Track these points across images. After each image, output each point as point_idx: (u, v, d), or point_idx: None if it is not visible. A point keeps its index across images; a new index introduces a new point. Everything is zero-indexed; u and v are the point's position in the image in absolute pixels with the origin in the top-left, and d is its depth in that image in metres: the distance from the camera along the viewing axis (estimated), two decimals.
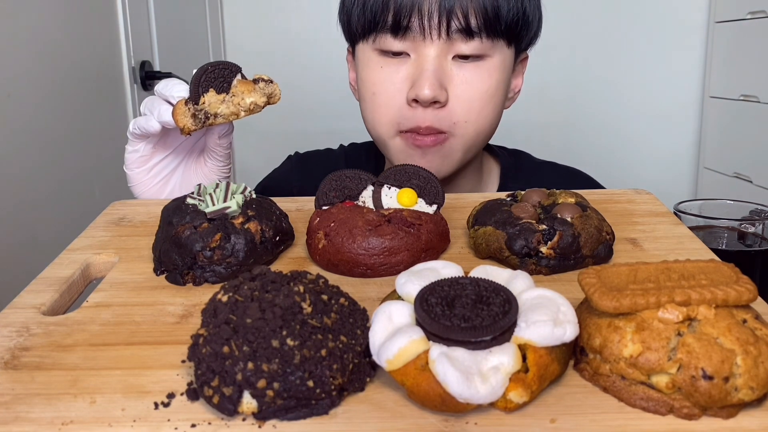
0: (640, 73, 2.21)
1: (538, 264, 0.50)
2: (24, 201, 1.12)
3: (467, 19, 0.68)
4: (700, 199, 0.71)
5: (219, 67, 0.58)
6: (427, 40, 0.70)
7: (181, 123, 0.57)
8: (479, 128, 0.74)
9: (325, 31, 2.18)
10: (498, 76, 0.73)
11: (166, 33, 1.75)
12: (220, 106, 0.57)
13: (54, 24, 1.25)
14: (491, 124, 0.76)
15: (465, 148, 0.75)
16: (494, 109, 0.75)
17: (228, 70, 0.58)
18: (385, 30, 0.71)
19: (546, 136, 2.18)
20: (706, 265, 0.38)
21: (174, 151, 0.68)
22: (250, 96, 0.57)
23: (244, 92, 0.58)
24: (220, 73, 0.58)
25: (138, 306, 0.46)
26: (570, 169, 0.91)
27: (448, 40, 0.70)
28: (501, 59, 0.73)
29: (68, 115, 1.29)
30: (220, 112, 0.57)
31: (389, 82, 0.72)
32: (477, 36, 0.69)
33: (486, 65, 0.72)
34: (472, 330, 0.33)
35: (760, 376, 0.33)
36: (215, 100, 0.57)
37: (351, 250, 0.50)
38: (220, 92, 0.58)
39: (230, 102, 0.58)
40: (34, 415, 0.35)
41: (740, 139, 1.94)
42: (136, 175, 0.67)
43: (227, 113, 0.58)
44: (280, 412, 0.34)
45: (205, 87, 0.58)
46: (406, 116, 0.72)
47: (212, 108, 0.57)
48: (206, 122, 0.58)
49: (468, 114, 0.72)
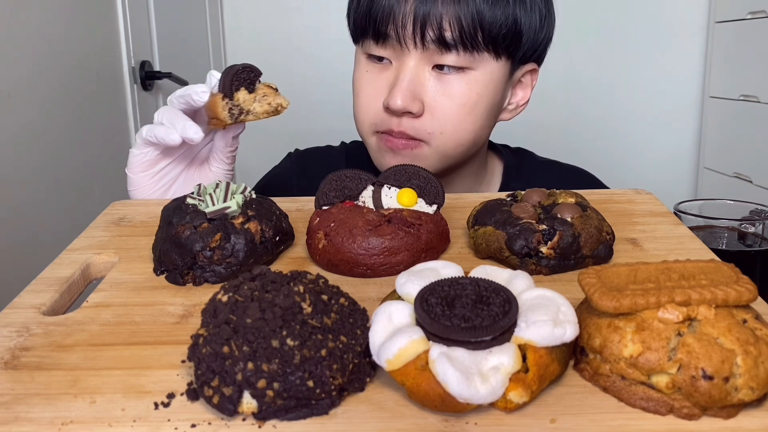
0: (640, 73, 2.21)
1: (538, 264, 0.50)
2: (24, 201, 1.12)
3: (441, 30, 0.67)
4: (700, 199, 0.71)
5: (247, 70, 0.61)
6: (404, 49, 0.70)
7: (221, 115, 0.60)
8: (457, 140, 0.73)
9: (325, 31, 2.18)
10: (480, 89, 0.71)
11: (166, 33, 1.75)
12: (252, 104, 0.60)
13: (54, 24, 1.25)
14: (474, 137, 0.74)
15: (441, 157, 0.74)
16: (475, 121, 0.73)
17: (254, 73, 0.61)
18: (369, 37, 0.72)
19: (546, 136, 2.18)
20: (706, 265, 0.38)
21: (178, 159, 0.68)
22: (276, 97, 0.60)
23: (269, 94, 0.61)
24: (247, 75, 0.61)
25: (138, 306, 0.46)
26: (573, 168, 0.90)
27: (425, 50, 0.69)
28: (485, 72, 0.71)
29: (68, 115, 1.29)
30: (253, 109, 0.60)
31: (371, 86, 0.73)
32: (454, 48, 0.68)
33: (467, 78, 0.70)
34: (472, 330, 0.33)
35: (760, 376, 0.33)
36: (248, 99, 0.60)
37: (351, 250, 0.50)
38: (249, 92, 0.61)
39: (261, 101, 0.60)
40: (34, 415, 0.35)
41: (740, 139, 1.94)
42: (140, 179, 0.67)
43: (259, 111, 0.60)
44: (280, 412, 0.34)
45: (237, 86, 0.60)
46: (382, 119, 0.73)
47: (246, 105, 0.60)
48: (239, 118, 0.60)
49: (443, 126, 0.71)
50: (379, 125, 0.73)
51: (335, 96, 2.05)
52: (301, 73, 2.22)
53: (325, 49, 2.17)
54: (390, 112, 0.71)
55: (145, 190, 0.67)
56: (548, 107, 2.20)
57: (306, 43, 2.23)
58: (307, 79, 2.21)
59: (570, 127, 2.25)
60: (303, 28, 2.23)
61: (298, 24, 2.24)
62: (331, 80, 2.16)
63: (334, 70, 1.82)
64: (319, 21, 2.20)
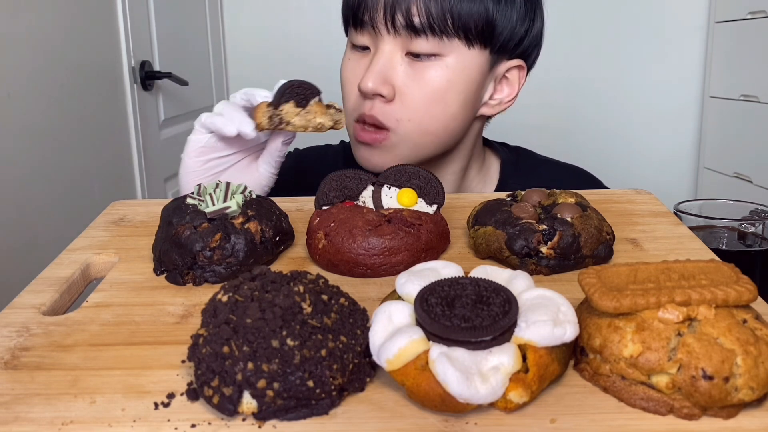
0: (640, 73, 2.20)
1: (538, 264, 0.50)
2: (24, 201, 1.12)
3: (410, 15, 0.69)
4: (700, 199, 0.71)
5: (303, 86, 0.66)
6: (379, 35, 0.72)
7: (258, 119, 0.65)
8: (425, 128, 0.73)
9: (325, 31, 2.18)
10: (451, 76, 0.72)
11: (166, 33, 1.75)
12: (294, 117, 0.65)
13: (54, 24, 1.25)
14: (444, 125, 0.74)
15: (411, 146, 0.74)
16: (446, 109, 0.73)
17: (310, 91, 0.66)
18: (351, 24, 0.75)
19: (546, 136, 2.18)
20: (706, 265, 0.38)
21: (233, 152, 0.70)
22: (321, 117, 0.65)
23: (317, 112, 0.65)
24: (302, 90, 0.66)
25: (138, 306, 0.46)
26: (572, 167, 0.90)
27: (397, 36, 0.71)
28: (458, 60, 0.72)
29: (68, 114, 1.29)
30: (293, 121, 0.65)
31: (351, 73, 0.76)
32: (423, 33, 0.70)
33: (438, 64, 0.72)
34: (472, 330, 0.33)
35: (761, 376, 0.33)
36: (291, 111, 0.65)
37: (351, 250, 0.50)
38: (297, 106, 0.65)
39: (303, 116, 0.65)
40: (34, 415, 0.35)
41: (740, 139, 1.94)
42: (192, 163, 0.68)
43: (297, 125, 0.65)
44: (280, 412, 0.34)
45: (287, 98, 0.65)
46: (359, 104, 0.75)
47: (287, 116, 0.65)
48: (278, 126, 0.65)
49: (412, 112, 0.72)
50: (357, 110, 0.75)
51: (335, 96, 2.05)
52: (301, 73, 2.20)
53: (325, 49, 2.17)
54: (362, 95, 0.73)
55: (194, 175, 0.69)
56: (548, 107, 2.20)
57: (306, 43, 2.23)
58: (308, 79, 2.21)
59: (570, 127, 2.25)
60: (303, 28, 2.23)
61: (298, 24, 2.24)
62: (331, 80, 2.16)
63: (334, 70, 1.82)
64: (319, 21, 2.20)
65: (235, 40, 2.27)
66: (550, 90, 2.18)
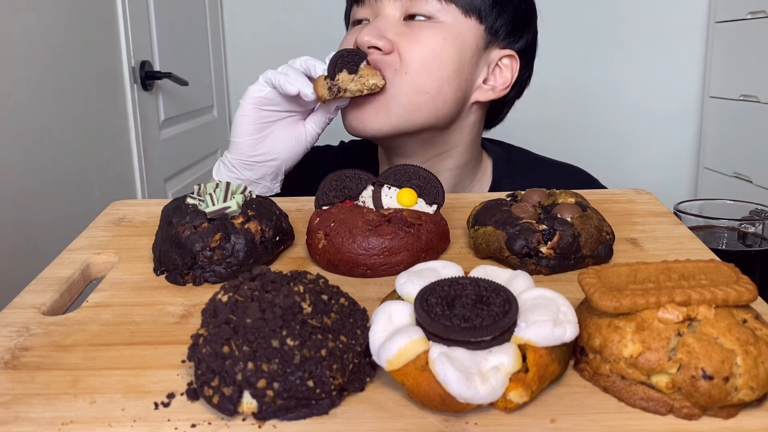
0: (640, 73, 2.20)
1: (538, 264, 0.50)
2: (24, 201, 1.12)
3: None
4: (700, 199, 0.71)
5: (351, 54, 0.72)
6: (379, 1, 0.75)
7: (320, 93, 0.70)
8: (421, 85, 0.74)
9: (325, 31, 2.18)
10: (447, 36, 0.74)
11: (166, 33, 1.75)
12: (350, 84, 0.71)
13: (54, 24, 1.25)
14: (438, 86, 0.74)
15: (404, 105, 0.74)
16: (440, 70, 0.74)
17: (358, 56, 0.72)
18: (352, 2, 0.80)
19: (546, 136, 2.18)
20: (706, 265, 0.38)
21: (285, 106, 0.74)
22: (373, 78, 0.71)
23: (368, 75, 0.72)
24: (351, 58, 0.72)
25: (138, 306, 0.46)
26: (567, 166, 0.90)
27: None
28: (453, 23, 0.75)
29: (68, 114, 1.29)
30: (350, 87, 0.71)
31: (347, 42, 0.79)
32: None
33: (435, 25, 0.74)
34: (472, 330, 0.33)
35: (760, 376, 0.33)
36: (347, 79, 0.71)
37: (351, 250, 0.50)
38: (350, 73, 0.71)
39: (358, 81, 0.71)
40: (34, 415, 0.35)
41: (740, 139, 1.94)
42: (249, 110, 0.73)
43: (354, 89, 0.71)
44: (280, 412, 0.34)
45: (340, 68, 0.71)
46: None
47: (344, 84, 0.71)
48: (338, 95, 0.71)
49: (408, 66, 0.74)
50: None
51: None
52: None
53: (326, 49, 2.17)
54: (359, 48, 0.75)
55: (247, 119, 0.72)
56: (548, 107, 2.20)
57: (306, 43, 2.23)
58: None
59: (570, 127, 2.25)
60: (303, 28, 2.23)
61: (298, 24, 2.24)
62: None
63: None
64: (319, 21, 2.20)
65: (235, 40, 2.27)
66: (550, 90, 2.18)
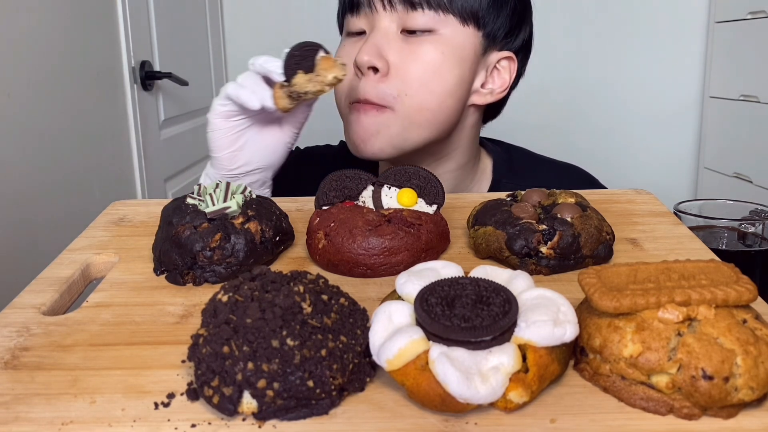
0: (640, 73, 2.20)
1: (538, 264, 0.50)
2: (24, 201, 1.12)
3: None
4: (700, 199, 0.71)
5: (303, 49, 0.64)
6: (375, 13, 0.73)
7: (280, 105, 0.65)
8: (422, 103, 0.73)
9: (325, 31, 2.18)
10: (446, 49, 0.73)
11: (166, 33, 1.75)
12: (307, 85, 0.63)
13: (54, 24, 1.25)
14: (439, 101, 0.74)
15: (406, 125, 0.74)
16: (442, 84, 0.73)
17: (311, 49, 0.64)
18: (347, 10, 0.76)
19: (546, 136, 2.18)
20: (706, 265, 0.38)
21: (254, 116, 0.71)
22: (331, 71, 0.63)
23: (326, 69, 0.63)
24: (303, 54, 0.64)
25: (138, 306, 0.46)
26: (567, 166, 0.90)
27: (394, 11, 0.72)
28: (452, 35, 0.73)
29: (68, 115, 1.29)
30: (308, 89, 0.64)
31: (345, 55, 0.76)
32: (420, 7, 0.71)
33: (433, 39, 0.73)
34: (472, 330, 0.33)
35: (760, 376, 0.33)
36: (303, 80, 0.63)
37: (351, 250, 0.50)
38: (307, 72, 0.64)
39: (315, 80, 0.63)
40: (34, 415, 0.35)
41: (740, 139, 1.94)
42: (219, 123, 0.69)
43: (314, 90, 0.64)
44: (280, 412, 0.34)
45: (294, 70, 0.64)
46: (354, 86, 0.75)
47: (301, 88, 0.63)
48: (298, 100, 0.65)
49: (407, 86, 0.72)
50: (351, 94, 0.75)
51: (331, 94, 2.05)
52: None
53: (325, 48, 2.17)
54: (358, 72, 0.74)
55: (220, 133, 0.70)
56: (548, 107, 2.20)
57: None
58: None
59: (570, 127, 2.25)
60: (303, 28, 2.23)
61: (298, 24, 2.24)
62: None
63: None
64: (319, 21, 2.20)
65: (235, 40, 2.27)
66: (550, 90, 2.18)
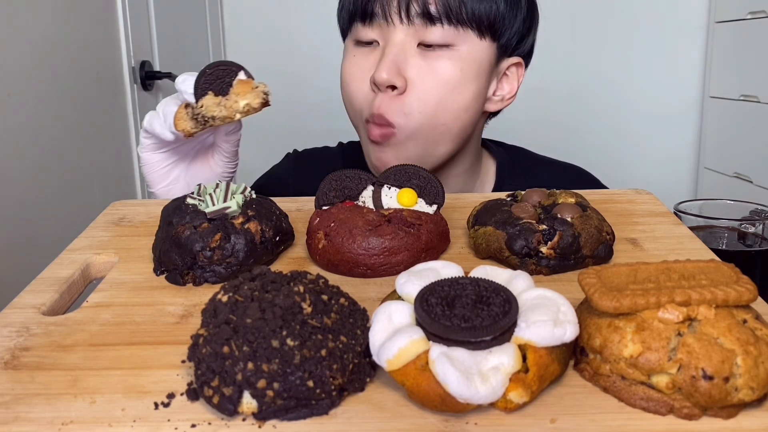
0: (640, 73, 2.20)
1: (538, 264, 0.50)
2: (24, 201, 1.12)
3: (426, 3, 0.69)
4: (700, 199, 0.71)
5: (219, 69, 0.58)
6: (391, 26, 0.71)
7: (180, 127, 0.59)
8: (438, 120, 0.72)
9: (325, 31, 2.18)
10: (464, 66, 0.71)
11: (166, 33, 1.75)
12: (215, 109, 0.58)
13: (54, 24, 1.25)
14: (455, 117, 0.73)
15: (421, 142, 0.73)
16: (459, 101, 0.72)
17: (228, 70, 0.59)
18: (357, 19, 0.73)
19: (546, 136, 2.18)
20: (706, 265, 0.38)
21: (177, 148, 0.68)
22: (244, 98, 0.57)
23: (239, 94, 0.58)
24: (219, 74, 0.58)
25: (138, 306, 0.46)
26: (569, 166, 0.90)
27: (411, 25, 0.70)
28: (470, 50, 0.71)
29: (68, 115, 1.29)
30: (216, 115, 0.58)
31: (358, 69, 0.74)
32: (438, 22, 0.70)
33: (450, 54, 0.71)
34: (472, 330, 0.33)
35: (761, 376, 0.33)
36: (211, 103, 0.58)
37: (351, 250, 0.50)
38: (218, 94, 0.58)
39: (224, 105, 0.58)
40: (34, 415, 0.35)
41: (740, 139, 1.94)
42: (148, 157, 0.68)
43: (222, 116, 0.58)
44: (280, 412, 0.34)
45: (204, 90, 0.58)
46: (369, 102, 0.73)
47: (208, 111, 0.58)
48: (206, 125, 0.58)
49: (424, 104, 0.71)
50: (365, 110, 0.74)
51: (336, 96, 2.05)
52: (301, 73, 2.22)
53: (325, 49, 2.17)
54: (377, 91, 0.72)
55: (152, 167, 0.68)
56: (548, 107, 2.20)
57: (306, 43, 2.23)
58: (308, 80, 2.21)
59: (570, 127, 2.25)
60: (303, 28, 2.23)
61: (298, 24, 2.24)
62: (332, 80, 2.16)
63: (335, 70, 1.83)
64: (319, 21, 2.20)
65: (235, 40, 2.27)
66: (551, 90, 2.18)
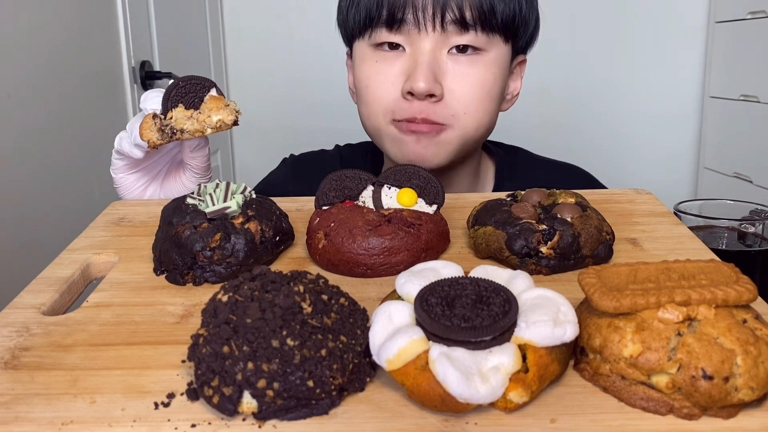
0: (640, 73, 2.20)
1: (538, 264, 0.50)
2: (24, 201, 1.12)
3: (462, 11, 0.69)
4: (700, 199, 0.71)
5: (191, 83, 0.58)
6: (422, 32, 0.70)
7: (146, 137, 0.58)
8: (479, 121, 0.74)
9: (325, 31, 2.17)
10: (495, 70, 0.73)
11: (166, 33, 1.75)
12: (186, 122, 0.58)
13: (54, 24, 1.25)
14: (490, 119, 0.75)
15: (462, 141, 0.74)
16: (491, 103, 0.74)
17: (201, 85, 0.59)
18: (380, 24, 0.71)
19: (546, 136, 2.18)
20: (706, 265, 0.38)
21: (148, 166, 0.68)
22: (217, 113, 0.58)
23: (212, 109, 0.58)
24: (191, 88, 0.58)
25: (138, 306, 0.46)
26: (567, 166, 0.90)
27: (443, 32, 0.70)
28: (497, 55, 0.73)
29: (68, 115, 1.29)
30: (186, 128, 0.58)
31: (383, 75, 0.73)
32: (472, 29, 0.70)
33: (482, 59, 0.72)
34: (472, 330, 0.33)
35: (760, 376, 0.33)
36: (182, 116, 0.58)
37: (351, 250, 0.50)
38: (189, 107, 0.58)
39: (196, 119, 0.58)
40: (34, 415, 0.35)
41: (740, 139, 1.94)
42: (121, 179, 0.68)
43: (192, 129, 0.58)
44: (280, 412, 0.34)
45: (175, 102, 0.58)
46: (401, 107, 0.72)
47: (178, 123, 0.58)
48: (173, 137, 0.58)
49: (467, 106, 0.72)
50: (397, 113, 0.72)
51: (336, 96, 2.05)
52: (301, 73, 2.22)
53: (326, 49, 2.17)
54: (411, 98, 0.71)
55: (127, 188, 0.68)
56: (548, 107, 2.20)
57: (306, 43, 2.23)
58: (308, 80, 2.21)
59: (570, 126, 2.25)
60: (303, 28, 2.23)
61: (298, 24, 2.24)
62: (332, 80, 2.16)
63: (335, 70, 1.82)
64: (319, 21, 2.20)
65: (235, 40, 2.27)
66: (551, 90, 2.18)
